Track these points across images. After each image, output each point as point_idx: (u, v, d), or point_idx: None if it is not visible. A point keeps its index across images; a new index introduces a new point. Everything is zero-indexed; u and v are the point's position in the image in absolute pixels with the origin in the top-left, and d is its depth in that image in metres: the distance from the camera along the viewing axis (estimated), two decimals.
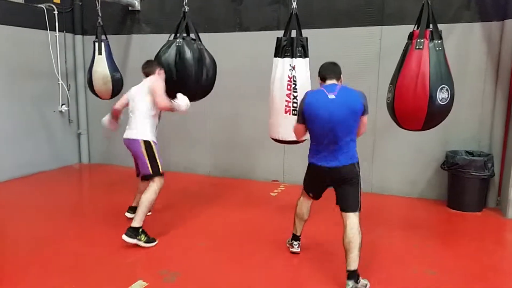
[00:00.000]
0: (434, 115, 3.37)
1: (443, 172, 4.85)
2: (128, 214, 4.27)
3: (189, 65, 4.02)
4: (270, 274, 3.37)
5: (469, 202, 4.67)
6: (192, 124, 6.20)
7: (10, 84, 5.78)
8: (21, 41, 5.85)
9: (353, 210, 3.04)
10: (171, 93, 4.08)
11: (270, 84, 3.98)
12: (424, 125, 3.44)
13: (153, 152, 3.85)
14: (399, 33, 3.86)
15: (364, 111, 3.02)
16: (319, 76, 3.19)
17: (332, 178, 3.08)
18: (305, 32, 4.01)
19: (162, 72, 3.99)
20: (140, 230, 3.68)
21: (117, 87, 5.43)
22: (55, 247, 3.77)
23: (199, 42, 4.19)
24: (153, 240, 3.75)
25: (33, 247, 3.70)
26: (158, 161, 3.83)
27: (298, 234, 3.56)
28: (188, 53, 4.01)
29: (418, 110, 3.33)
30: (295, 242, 3.57)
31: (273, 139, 4.04)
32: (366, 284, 2.99)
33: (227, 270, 3.34)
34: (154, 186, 3.80)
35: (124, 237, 3.62)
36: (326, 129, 2.98)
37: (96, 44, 5.32)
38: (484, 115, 4.80)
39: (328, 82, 3.12)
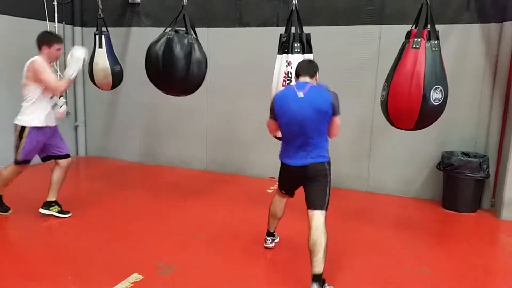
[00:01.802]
0: (427, 115, 3.39)
1: (439, 172, 4.88)
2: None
3: (176, 59, 3.98)
4: (265, 267, 3.41)
5: (463, 203, 4.70)
6: (190, 118, 6.21)
7: (7, 75, 5.75)
8: (20, 32, 5.81)
9: (319, 208, 2.97)
10: (157, 85, 4.15)
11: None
12: (416, 125, 3.45)
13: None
14: (399, 32, 3.86)
15: (334, 112, 2.94)
16: (295, 73, 3.20)
17: (300, 177, 3.06)
18: (305, 29, 4.02)
19: (48, 49, 3.88)
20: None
21: (118, 79, 5.50)
22: (50, 238, 3.78)
23: (191, 37, 4.13)
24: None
25: (28, 237, 3.70)
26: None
27: (272, 231, 3.59)
28: (176, 47, 3.97)
29: (411, 109, 3.34)
30: (268, 238, 3.59)
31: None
32: None
33: (223, 263, 3.36)
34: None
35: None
36: (294, 127, 2.96)
37: (97, 37, 5.34)
38: (481, 116, 4.82)
39: (301, 79, 3.09)
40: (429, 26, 3.37)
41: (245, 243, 3.71)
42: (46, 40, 3.90)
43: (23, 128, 3.86)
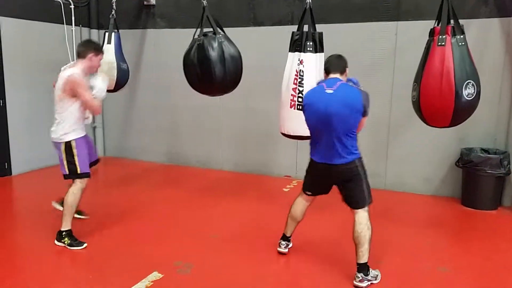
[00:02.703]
0: (461, 111, 3.35)
1: (458, 169, 4.81)
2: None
3: (211, 62, 4.00)
4: (281, 268, 3.39)
5: (483, 200, 4.62)
6: (206, 118, 6.24)
7: (27, 77, 5.87)
8: (38, 35, 5.94)
9: (360, 207, 3.01)
10: (200, 90, 4.16)
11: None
12: (452, 122, 3.42)
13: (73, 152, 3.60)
14: (415, 28, 3.84)
15: (364, 112, 2.94)
16: (324, 69, 3.17)
17: (333, 176, 3.05)
18: (320, 27, 4.00)
19: (95, 57, 3.59)
20: (64, 233, 3.60)
21: (123, 77, 5.23)
22: None
23: (220, 35, 4.12)
24: (80, 244, 3.59)
25: (50, 237, 3.76)
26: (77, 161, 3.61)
27: (288, 235, 3.45)
28: (208, 50, 3.99)
29: (445, 107, 3.30)
30: (283, 242, 3.45)
31: (281, 133, 4.06)
32: (377, 275, 3.02)
33: (239, 263, 3.37)
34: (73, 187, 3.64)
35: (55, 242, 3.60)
36: (322, 124, 2.94)
37: (106, 34, 5.27)
38: (500, 112, 4.73)
39: (331, 76, 3.07)
40: (452, 21, 3.32)
41: (261, 243, 3.71)
42: (95, 48, 3.63)
43: (68, 143, 3.57)
